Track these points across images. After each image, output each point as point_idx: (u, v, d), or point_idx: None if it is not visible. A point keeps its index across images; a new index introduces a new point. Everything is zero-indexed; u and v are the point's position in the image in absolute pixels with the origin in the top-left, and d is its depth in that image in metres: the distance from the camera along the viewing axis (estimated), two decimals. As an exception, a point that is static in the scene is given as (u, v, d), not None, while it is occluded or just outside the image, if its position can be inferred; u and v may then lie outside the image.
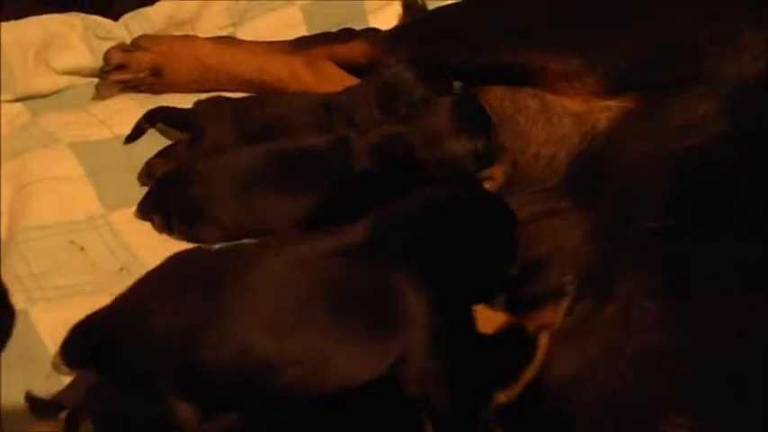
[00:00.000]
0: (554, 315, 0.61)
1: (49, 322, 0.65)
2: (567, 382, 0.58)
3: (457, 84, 0.83)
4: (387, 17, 1.09)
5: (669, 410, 0.52)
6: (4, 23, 0.92)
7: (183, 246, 0.74)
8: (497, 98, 0.77)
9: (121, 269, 0.74)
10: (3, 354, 0.61)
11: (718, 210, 0.59)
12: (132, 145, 0.83)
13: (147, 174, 0.80)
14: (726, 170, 0.61)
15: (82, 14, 0.97)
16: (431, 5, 1.11)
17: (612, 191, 0.66)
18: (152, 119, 0.84)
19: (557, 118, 0.73)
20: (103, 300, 0.69)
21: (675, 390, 0.54)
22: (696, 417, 0.51)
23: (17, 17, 0.94)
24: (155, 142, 0.84)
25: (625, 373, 0.55)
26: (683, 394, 0.53)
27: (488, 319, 0.62)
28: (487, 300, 0.64)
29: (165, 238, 0.76)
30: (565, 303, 0.61)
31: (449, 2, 1.11)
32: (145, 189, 0.79)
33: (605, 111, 0.72)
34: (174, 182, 0.77)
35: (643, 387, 0.54)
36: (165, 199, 0.77)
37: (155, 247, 0.74)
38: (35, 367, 0.61)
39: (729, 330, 0.54)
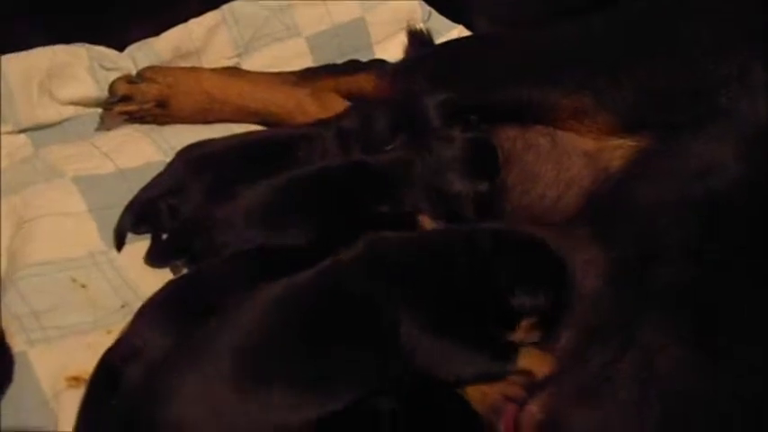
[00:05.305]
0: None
1: (47, 366, 0.63)
2: None
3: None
4: (392, 48, 1.09)
5: None
6: (8, 55, 0.91)
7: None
8: (509, 138, 0.76)
9: (122, 306, 0.73)
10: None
11: (743, 256, 0.58)
12: (135, 179, 0.82)
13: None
14: (748, 216, 0.60)
15: (87, 45, 0.96)
16: (436, 36, 1.12)
17: (630, 234, 0.64)
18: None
19: (567, 157, 0.72)
20: (100, 338, 0.68)
21: None
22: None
23: (23, 48, 0.93)
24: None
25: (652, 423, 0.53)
26: None
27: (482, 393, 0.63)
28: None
29: (166, 273, 0.75)
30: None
31: (454, 33, 1.12)
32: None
33: (618, 149, 0.70)
34: (193, 230, 0.75)
35: None
36: (182, 247, 0.75)
37: (156, 283, 0.73)
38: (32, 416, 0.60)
39: (758, 377, 0.52)
